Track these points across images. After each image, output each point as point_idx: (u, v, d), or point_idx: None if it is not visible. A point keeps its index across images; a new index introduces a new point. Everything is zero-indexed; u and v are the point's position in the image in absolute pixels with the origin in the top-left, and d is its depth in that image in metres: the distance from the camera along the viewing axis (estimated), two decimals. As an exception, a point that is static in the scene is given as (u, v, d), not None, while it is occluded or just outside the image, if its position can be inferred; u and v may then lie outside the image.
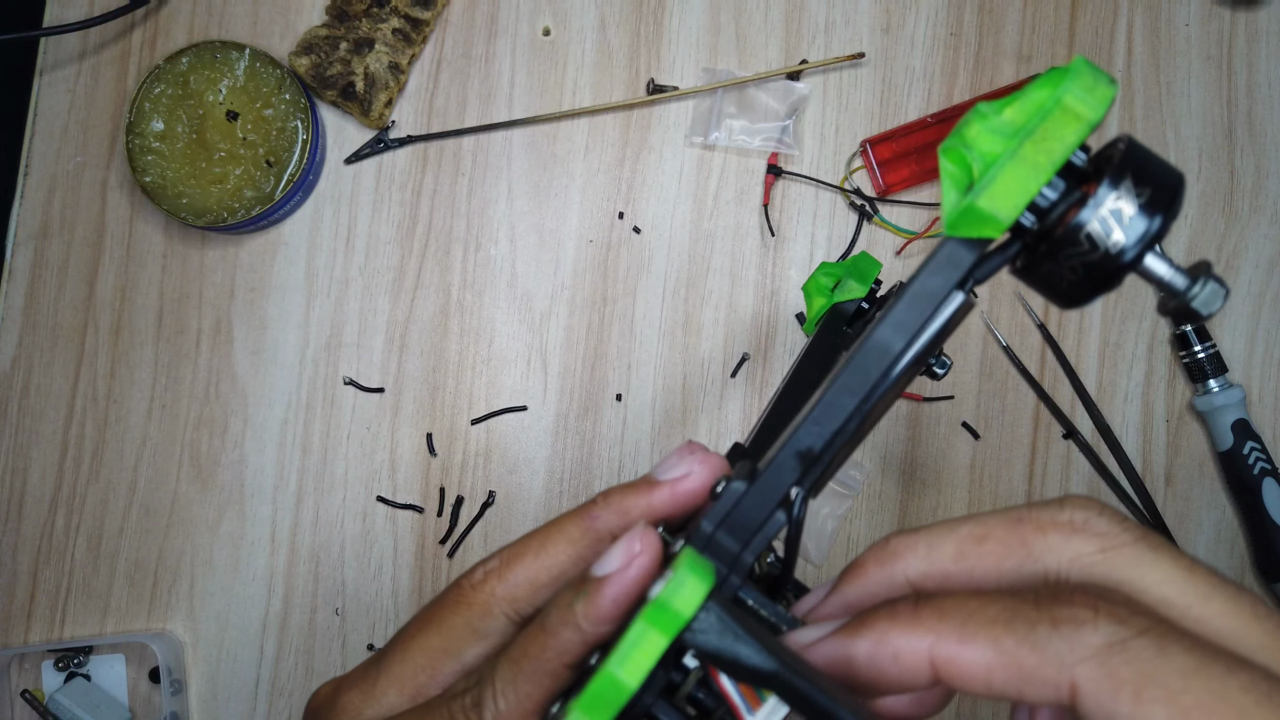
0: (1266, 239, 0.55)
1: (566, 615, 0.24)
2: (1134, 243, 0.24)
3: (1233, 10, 0.56)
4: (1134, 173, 0.24)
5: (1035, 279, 0.26)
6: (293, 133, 0.53)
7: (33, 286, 0.56)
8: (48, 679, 0.54)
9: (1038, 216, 0.25)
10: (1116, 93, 0.26)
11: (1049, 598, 0.21)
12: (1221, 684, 0.19)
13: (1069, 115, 0.24)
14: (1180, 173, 0.25)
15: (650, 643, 0.23)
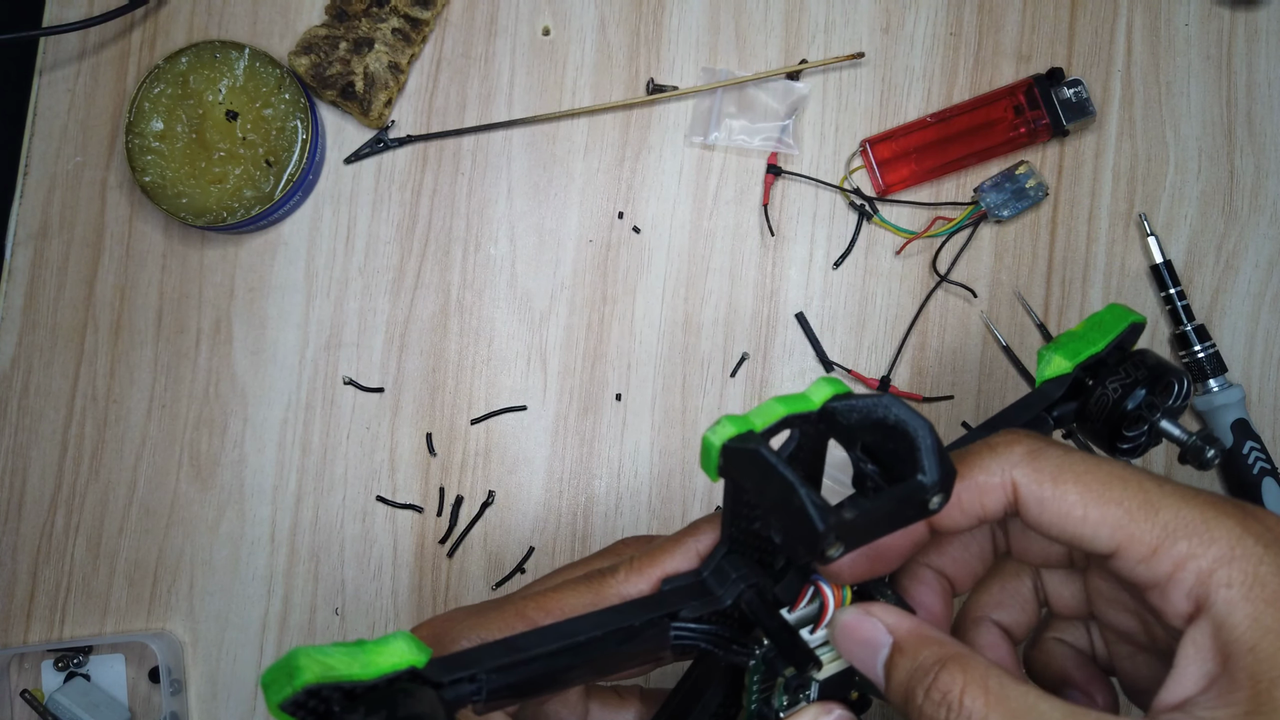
0: (1266, 238, 0.55)
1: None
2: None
3: (1232, 10, 0.56)
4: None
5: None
6: (292, 132, 0.53)
7: (32, 286, 0.56)
8: (47, 679, 0.54)
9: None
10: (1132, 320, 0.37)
11: (986, 439, 0.30)
12: (1109, 468, 0.28)
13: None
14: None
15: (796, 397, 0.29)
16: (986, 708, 0.26)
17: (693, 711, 0.33)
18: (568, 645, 0.29)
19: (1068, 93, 0.54)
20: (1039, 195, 0.54)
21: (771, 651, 0.31)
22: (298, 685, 0.23)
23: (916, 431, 0.27)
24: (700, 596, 0.31)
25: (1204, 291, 0.55)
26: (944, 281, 0.55)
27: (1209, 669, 0.26)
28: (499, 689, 0.28)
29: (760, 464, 0.27)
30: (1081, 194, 0.56)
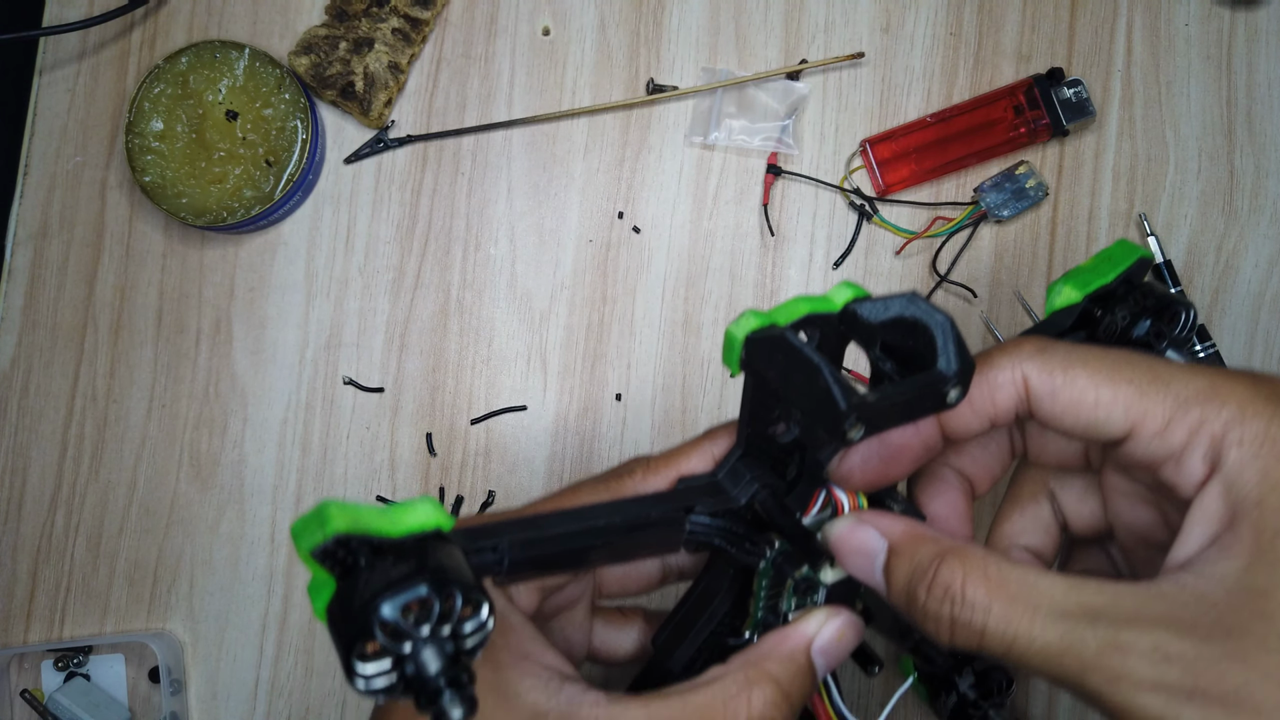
0: (1266, 238, 0.55)
1: None
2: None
3: (1232, 10, 0.56)
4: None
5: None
6: (292, 132, 0.53)
7: (32, 286, 0.56)
8: (47, 679, 0.54)
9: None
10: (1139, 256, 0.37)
11: (994, 347, 0.30)
12: (1114, 354, 0.29)
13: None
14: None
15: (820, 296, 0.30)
16: (989, 595, 0.26)
17: (699, 620, 0.34)
18: (587, 527, 0.30)
19: (1068, 93, 0.54)
20: (1039, 195, 0.54)
21: (780, 555, 0.32)
22: (328, 533, 0.24)
23: (937, 324, 0.28)
24: (715, 495, 0.32)
25: (1204, 292, 0.55)
26: (944, 281, 0.55)
27: (1215, 528, 0.26)
28: (519, 561, 0.28)
29: (785, 348, 0.28)
30: (1081, 194, 0.56)
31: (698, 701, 0.29)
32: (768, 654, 0.31)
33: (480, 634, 0.25)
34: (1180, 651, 0.24)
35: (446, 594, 0.24)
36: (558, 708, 0.29)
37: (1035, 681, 0.53)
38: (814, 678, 0.32)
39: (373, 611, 0.24)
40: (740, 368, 0.30)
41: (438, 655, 0.24)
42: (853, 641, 0.33)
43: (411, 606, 0.24)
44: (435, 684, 0.24)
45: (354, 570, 0.25)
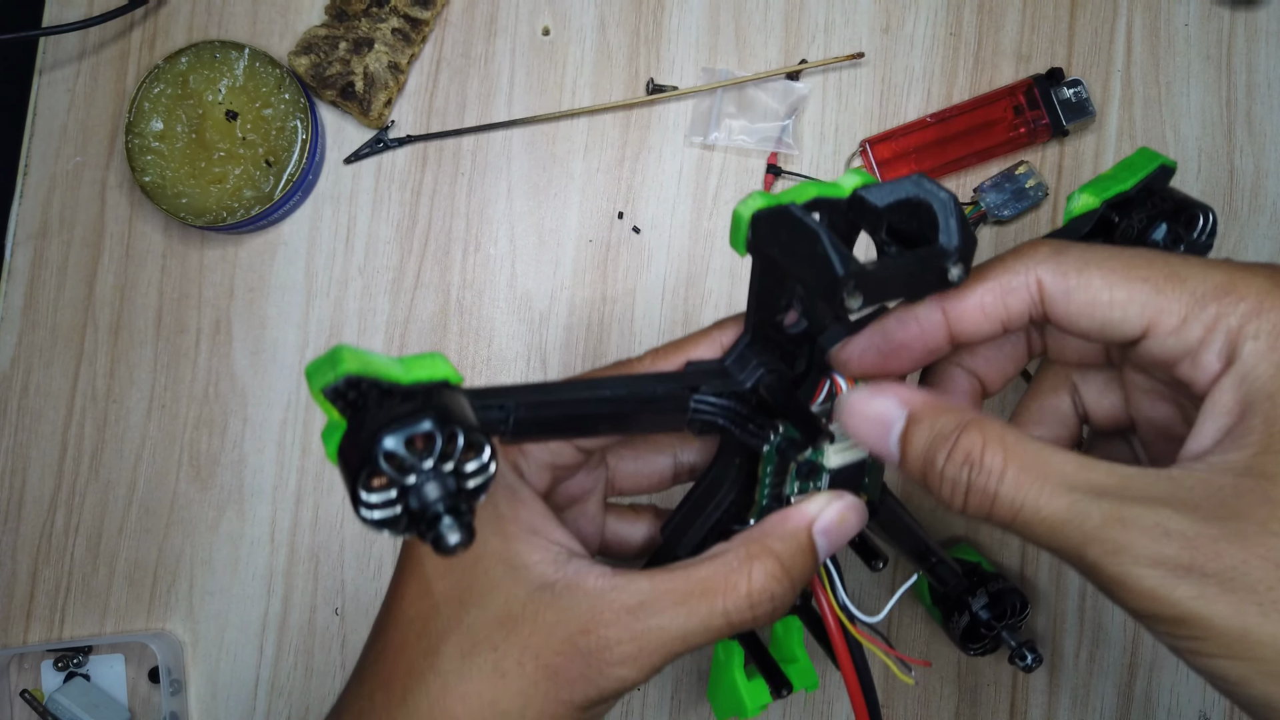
0: (1266, 238, 0.55)
1: None
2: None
3: (1232, 10, 0.56)
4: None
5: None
6: (292, 132, 0.53)
7: (32, 286, 0.56)
8: (47, 679, 0.54)
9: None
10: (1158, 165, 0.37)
11: (1008, 252, 0.30)
12: (1132, 251, 0.29)
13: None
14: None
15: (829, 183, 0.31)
16: (1005, 461, 0.27)
17: (707, 507, 0.35)
18: (593, 396, 0.30)
19: (1067, 93, 0.54)
20: (1039, 195, 0.54)
21: (784, 440, 0.33)
22: (340, 373, 0.25)
23: (939, 201, 0.28)
24: (721, 378, 0.32)
25: (1204, 291, 0.55)
26: (944, 281, 0.55)
27: (1227, 421, 0.27)
28: (525, 421, 0.29)
29: (788, 220, 0.28)
30: (1081, 194, 0.56)
31: (700, 574, 0.30)
32: (769, 531, 0.32)
33: (482, 477, 0.26)
34: (1181, 529, 0.25)
35: (449, 431, 0.25)
36: (564, 578, 0.30)
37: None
38: (815, 557, 0.32)
39: (378, 443, 0.25)
40: (746, 248, 0.30)
41: (439, 488, 0.25)
42: (854, 525, 0.33)
43: (415, 441, 0.25)
44: (435, 511, 0.25)
45: (363, 410, 0.26)
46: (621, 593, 0.30)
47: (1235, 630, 0.24)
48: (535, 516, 0.32)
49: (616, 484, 0.38)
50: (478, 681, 0.30)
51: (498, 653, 0.30)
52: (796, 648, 0.41)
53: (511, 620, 0.30)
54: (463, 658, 0.30)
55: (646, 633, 0.29)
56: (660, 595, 0.30)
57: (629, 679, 0.30)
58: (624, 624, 0.29)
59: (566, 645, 0.29)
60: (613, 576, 0.30)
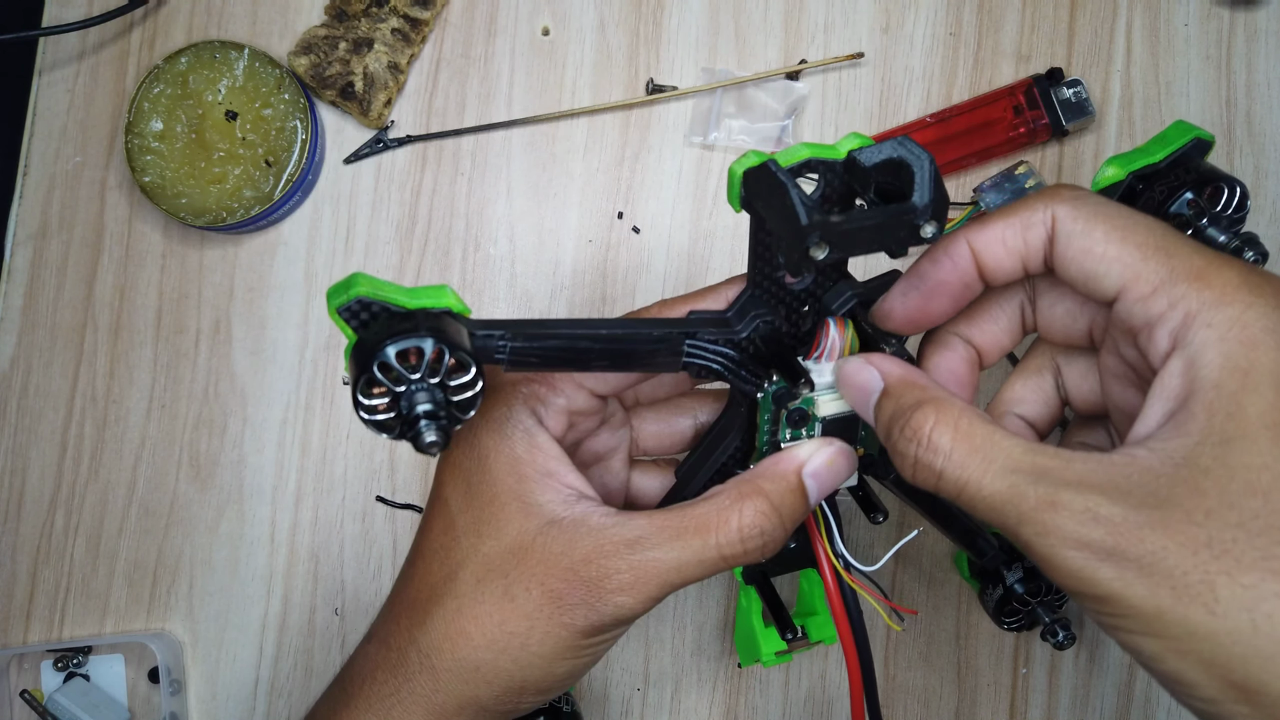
0: (1266, 238, 0.55)
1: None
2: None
3: (1232, 10, 0.56)
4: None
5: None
6: (292, 132, 0.53)
7: (31, 286, 0.56)
8: (47, 679, 0.54)
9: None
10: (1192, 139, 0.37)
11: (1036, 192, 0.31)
12: (1143, 218, 0.29)
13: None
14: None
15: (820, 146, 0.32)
16: (953, 441, 0.29)
17: (714, 453, 0.37)
18: (590, 333, 0.32)
19: (1067, 93, 0.54)
20: (1038, 195, 0.54)
21: (780, 389, 0.35)
22: (352, 295, 0.29)
23: (916, 160, 0.30)
24: (719, 326, 0.34)
25: (1203, 291, 0.55)
26: (944, 281, 0.55)
27: (1171, 405, 0.28)
28: (522, 350, 0.31)
29: (766, 175, 0.30)
30: (1081, 194, 0.56)
31: (696, 512, 0.33)
32: (761, 473, 0.34)
33: (469, 393, 0.30)
34: (1109, 515, 0.26)
35: (437, 349, 0.29)
36: (571, 515, 0.33)
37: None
38: (805, 498, 0.34)
39: (374, 354, 0.28)
40: (740, 205, 0.32)
41: (426, 397, 0.29)
42: (844, 470, 0.35)
43: (409, 355, 0.29)
44: (415, 414, 0.29)
45: (369, 327, 0.29)
46: (622, 528, 0.33)
47: (1151, 610, 0.26)
48: (550, 460, 0.34)
49: (640, 443, 0.41)
50: (489, 604, 0.33)
51: (508, 579, 0.33)
52: (819, 602, 0.43)
53: (522, 551, 0.33)
54: (477, 583, 0.33)
55: (643, 563, 0.32)
56: (657, 530, 0.33)
57: (626, 605, 0.32)
58: (622, 555, 0.32)
59: (569, 574, 0.32)
60: (616, 515, 0.33)
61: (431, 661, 0.34)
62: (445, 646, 0.33)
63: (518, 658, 0.33)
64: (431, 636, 0.34)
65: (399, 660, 0.34)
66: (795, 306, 0.35)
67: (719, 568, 0.33)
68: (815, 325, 0.35)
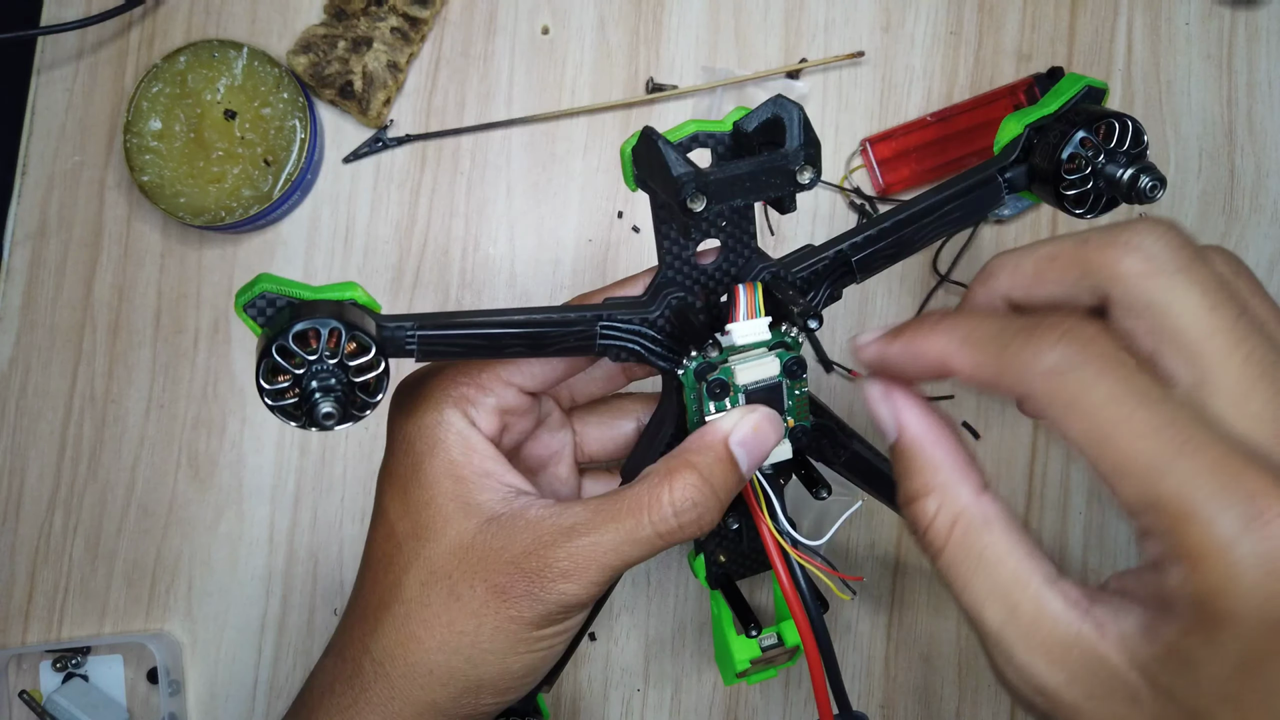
0: (1267, 238, 0.55)
1: None
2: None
3: (1233, 9, 0.56)
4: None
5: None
6: (291, 132, 0.53)
7: (30, 286, 0.56)
8: (45, 679, 0.54)
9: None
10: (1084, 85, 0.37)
11: (1032, 323, 0.26)
12: (1131, 412, 0.24)
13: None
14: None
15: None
16: (946, 543, 0.29)
17: (653, 443, 0.37)
18: (503, 319, 0.33)
19: (1068, 92, 0.54)
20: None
21: (700, 364, 0.35)
22: (257, 291, 0.30)
23: (786, 111, 0.31)
24: (633, 308, 0.35)
25: (1204, 291, 0.55)
26: (944, 281, 0.55)
27: (1151, 603, 0.26)
28: (431, 339, 0.32)
29: (646, 143, 0.31)
30: (1082, 193, 0.55)
31: (628, 494, 0.33)
32: (687, 447, 0.34)
33: (371, 373, 0.30)
34: (1058, 696, 0.27)
35: (332, 329, 0.29)
36: (510, 511, 0.34)
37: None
38: (735, 468, 0.34)
39: (276, 337, 0.29)
40: (635, 183, 0.33)
41: (328, 378, 0.30)
42: (770, 434, 0.35)
43: (308, 337, 0.29)
44: (312, 389, 0.29)
45: (275, 321, 0.30)
46: (559, 517, 0.33)
47: None
48: (486, 460, 0.35)
49: (585, 449, 0.41)
50: (436, 606, 0.33)
51: (452, 580, 0.33)
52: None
53: (463, 550, 0.33)
54: (422, 586, 0.34)
55: (581, 549, 0.32)
56: (593, 515, 0.33)
57: (570, 592, 0.33)
58: (560, 544, 0.33)
59: (511, 567, 0.33)
60: (553, 506, 0.34)
61: (385, 669, 0.34)
62: (397, 653, 0.34)
63: (470, 656, 0.33)
64: (383, 644, 0.34)
65: (354, 671, 0.35)
66: (712, 288, 0.35)
67: (658, 545, 0.33)
68: (730, 300, 0.35)
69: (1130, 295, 0.26)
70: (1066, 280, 0.28)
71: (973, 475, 0.30)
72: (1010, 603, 0.27)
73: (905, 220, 0.37)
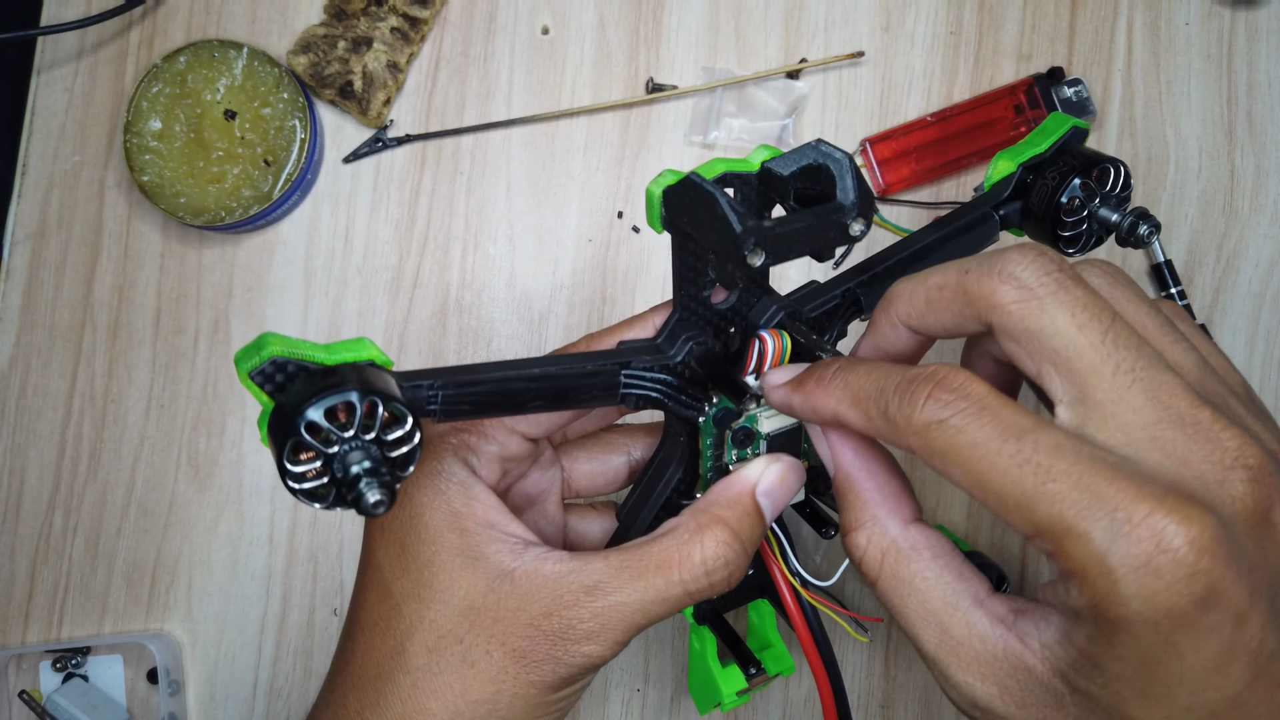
0: (1266, 238, 0.55)
1: None
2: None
3: (1233, 9, 0.56)
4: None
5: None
6: (291, 132, 0.53)
7: (30, 286, 0.56)
8: (45, 679, 0.54)
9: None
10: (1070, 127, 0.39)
11: (909, 378, 0.27)
12: (996, 451, 0.25)
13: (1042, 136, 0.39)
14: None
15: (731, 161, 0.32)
16: (879, 572, 0.30)
17: (656, 488, 0.36)
18: (523, 374, 0.31)
19: (1068, 92, 0.54)
20: (1039, 194, 0.54)
21: (720, 410, 0.34)
22: (264, 356, 0.27)
23: (835, 161, 0.30)
24: (652, 354, 0.34)
25: (1205, 291, 0.55)
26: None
27: (1064, 611, 0.27)
28: (454, 398, 0.29)
29: (691, 188, 0.29)
30: (1082, 193, 0.55)
31: (654, 549, 0.32)
32: (715, 500, 0.33)
33: (406, 446, 0.27)
34: (988, 707, 0.28)
35: (368, 402, 0.26)
36: (523, 565, 0.31)
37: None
38: (761, 519, 0.33)
39: (300, 415, 0.25)
40: (662, 225, 0.31)
41: (362, 456, 0.26)
42: (795, 484, 0.35)
43: (337, 412, 0.26)
44: (355, 474, 0.26)
45: (287, 390, 0.27)
46: (579, 574, 0.31)
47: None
48: (490, 511, 0.33)
49: (573, 484, 0.39)
50: (448, 674, 0.31)
51: (464, 644, 0.31)
52: (771, 633, 0.42)
53: (474, 611, 0.31)
54: (430, 653, 0.31)
55: (607, 610, 0.31)
56: (617, 573, 0.31)
57: (594, 654, 0.31)
58: (584, 604, 0.31)
59: (531, 629, 0.31)
60: (570, 560, 0.32)
61: None
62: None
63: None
64: (388, 718, 0.31)
65: None
66: (722, 327, 0.34)
67: (684, 604, 0.32)
68: (744, 344, 0.34)
69: (1008, 323, 0.27)
70: (954, 310, 0.29)
71: (903, 507, 0.31)
72: (941, 626, 0.28)
73: (908, 259, 0.37)
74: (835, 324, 0.37)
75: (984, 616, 0.28)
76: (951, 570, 0.29)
